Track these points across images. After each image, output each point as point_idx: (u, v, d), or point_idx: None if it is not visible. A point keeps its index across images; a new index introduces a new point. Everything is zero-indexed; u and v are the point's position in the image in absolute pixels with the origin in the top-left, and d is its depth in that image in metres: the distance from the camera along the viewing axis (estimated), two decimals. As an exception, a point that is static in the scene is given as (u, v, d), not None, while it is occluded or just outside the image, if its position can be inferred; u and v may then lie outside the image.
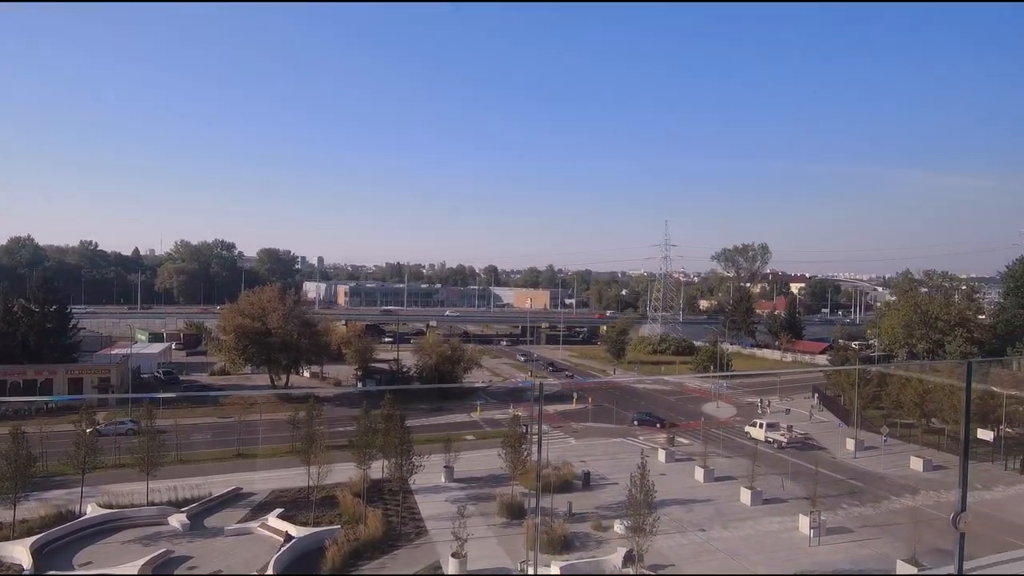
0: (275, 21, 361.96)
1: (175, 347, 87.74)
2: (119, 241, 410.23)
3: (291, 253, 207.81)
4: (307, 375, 70.16)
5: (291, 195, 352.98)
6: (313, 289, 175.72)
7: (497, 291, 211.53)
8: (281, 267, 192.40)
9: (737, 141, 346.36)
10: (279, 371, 63.48)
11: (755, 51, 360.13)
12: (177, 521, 29.33)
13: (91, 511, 29.60)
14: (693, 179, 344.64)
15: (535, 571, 24.54)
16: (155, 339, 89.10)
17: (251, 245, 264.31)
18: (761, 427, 48.15)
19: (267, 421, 45.64)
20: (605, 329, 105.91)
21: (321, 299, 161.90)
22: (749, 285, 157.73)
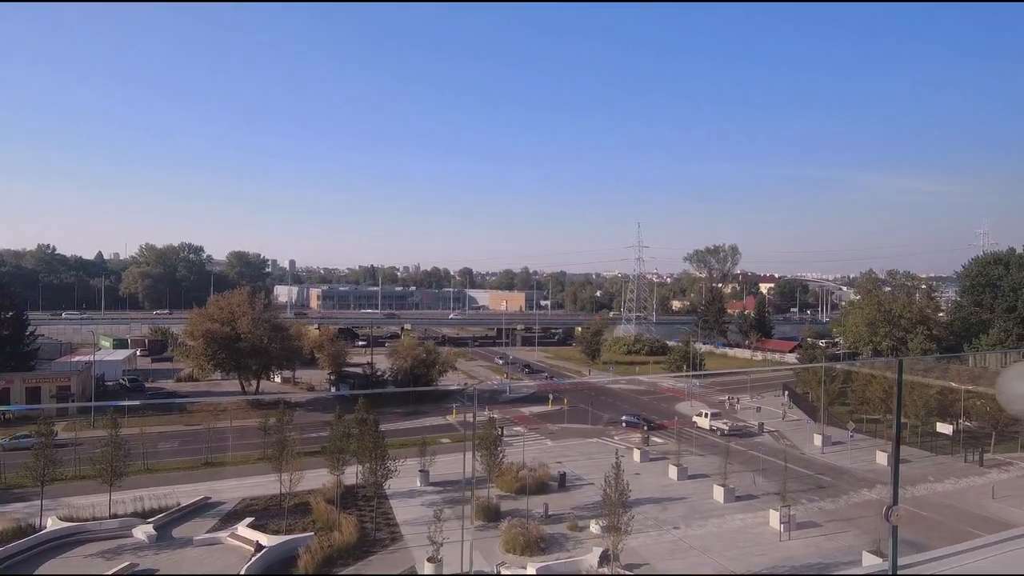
0: (235, 20, 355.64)
1: (140, 353, 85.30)
2: (81, 245, 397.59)
3: (261, 256, 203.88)
4: (278, 380, 68.91)
5: (261, 198, 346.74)
6: (285, 292, 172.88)
7: (472, 293, 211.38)
8: (251, 270, 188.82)
9: (706, 145, 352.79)
10: (249, 377, 62.21)
11: (720, 56, 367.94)
12: (142, 533, 28.46)
13: (51, 524, 28.54)
14: (665, 181, 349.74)
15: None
16: (119, 345, 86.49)
17: (220, 248, 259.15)
18: (706, 417, 51.96)
19: (237, 428, 44.66)
20: (580, 330, 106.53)
21: (293, 303, 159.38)
22: (720, 286, 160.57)
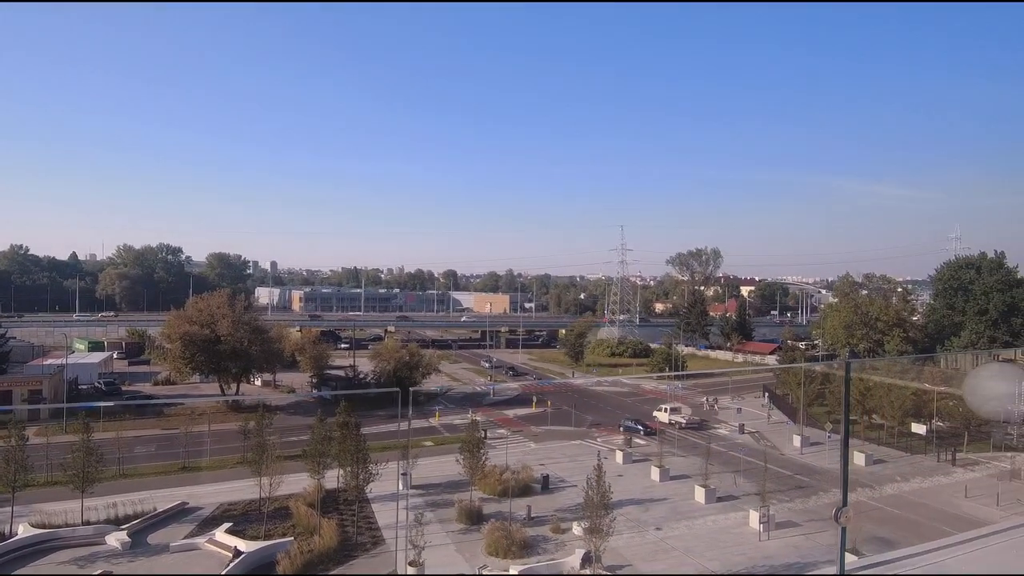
0: (215, 20, 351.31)
1: (117, 356, 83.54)
2: (56, 246, 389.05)
3: (242, 258, 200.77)
4: (259, 383, 68.01)
5: (242, 199, 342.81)
6: (266, 295, 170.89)
7: (457, 296, 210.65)
8: (232, 272, 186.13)
9: (690, 151, 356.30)
10: (229, 380, 61.28)
11: (700, 58, 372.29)
12: (116, 539, 27.82)
13: (23, 531, 27.82)
14: (648, 185, 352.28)
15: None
16: (95, 348, 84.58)
17: (200, 250, 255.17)
18: (666, 411, 53.82)
19: (216, 431, 43.97)
20: (564, 332, 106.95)
21: (274, 305, 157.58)
22: (703, 288, 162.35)
